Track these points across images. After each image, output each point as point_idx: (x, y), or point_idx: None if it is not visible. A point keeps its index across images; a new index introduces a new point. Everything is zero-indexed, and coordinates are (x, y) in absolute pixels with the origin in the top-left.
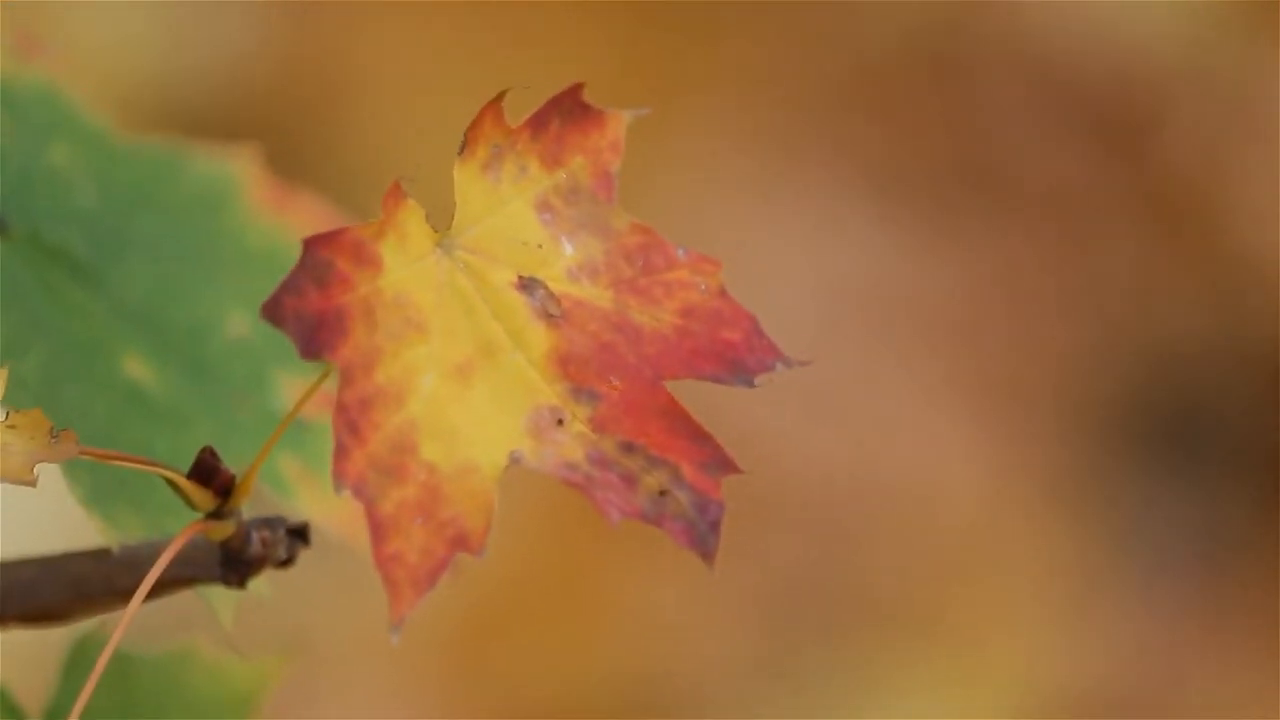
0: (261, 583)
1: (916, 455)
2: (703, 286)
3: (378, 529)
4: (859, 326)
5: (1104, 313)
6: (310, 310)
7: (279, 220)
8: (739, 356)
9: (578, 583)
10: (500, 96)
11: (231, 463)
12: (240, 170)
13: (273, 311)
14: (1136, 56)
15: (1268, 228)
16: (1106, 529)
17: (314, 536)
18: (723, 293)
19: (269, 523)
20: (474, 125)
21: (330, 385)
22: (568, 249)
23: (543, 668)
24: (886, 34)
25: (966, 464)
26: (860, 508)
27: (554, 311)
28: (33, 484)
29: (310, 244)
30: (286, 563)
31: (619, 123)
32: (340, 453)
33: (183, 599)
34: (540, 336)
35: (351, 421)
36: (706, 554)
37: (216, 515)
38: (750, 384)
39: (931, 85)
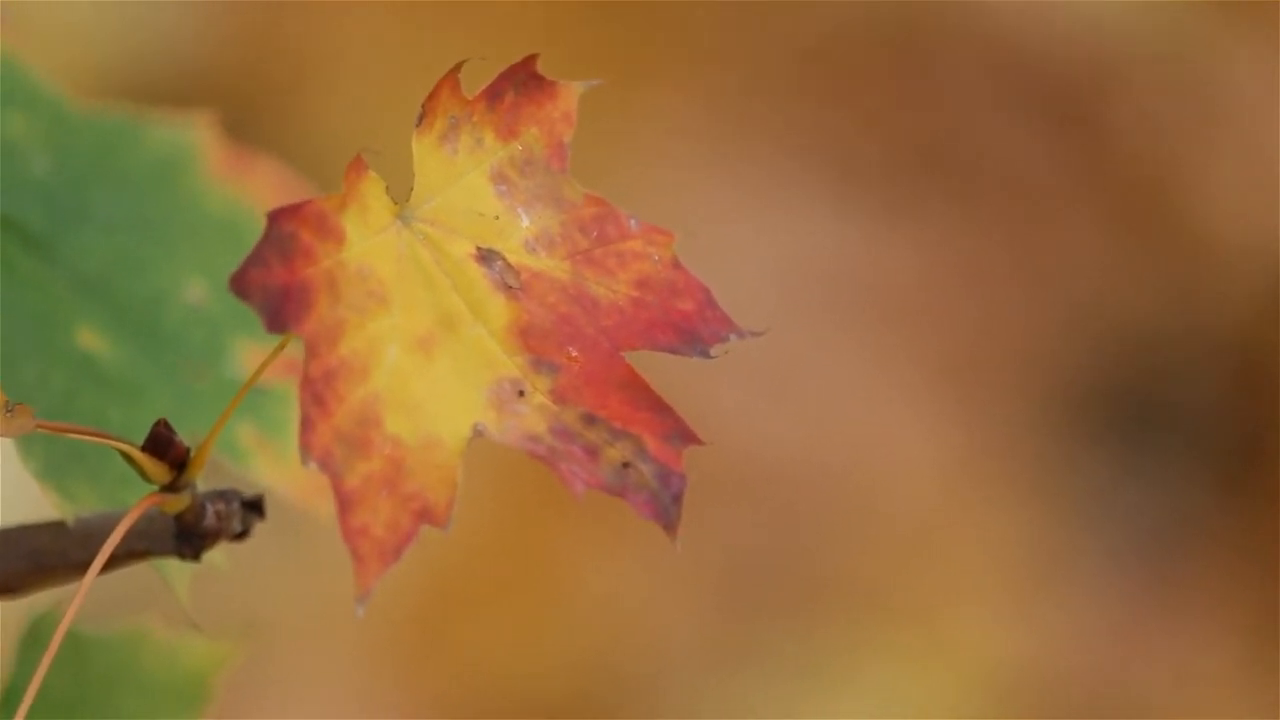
0: (217, 554)
1: (876, 436)
2: (656, 257)
3: (344, 502)
4: (818, 307)
5: (1065, 296)
6: (276, 283)
7: (237, 187)
8: (693, 327)
9: (536, 560)
10: (457, 68)
11: (189, 432)
12: (197, 137)
13: (239, 285)
14: (1097, 41)
15: (1228, 212)
16: (1067, 510)
17: (271, 503)
18: (676, 264)
19: (223, 495)
20: (431, 96)
21: (288, 352)
22: (524, 220)
23: (501, 644)
24: (846, 15)
25: (926, 445)
26: (819, 488)
27: (513, 283)
28: None
29: (274, 217)
30: (241, 535)
31: (571, 93)
32: (306, 425)
33: (138, 574)
34: (500, 308)
35: (317, 394)
36: (669, 525)
37: (171, 488)
38: (706, 355)
39: (891, 67)
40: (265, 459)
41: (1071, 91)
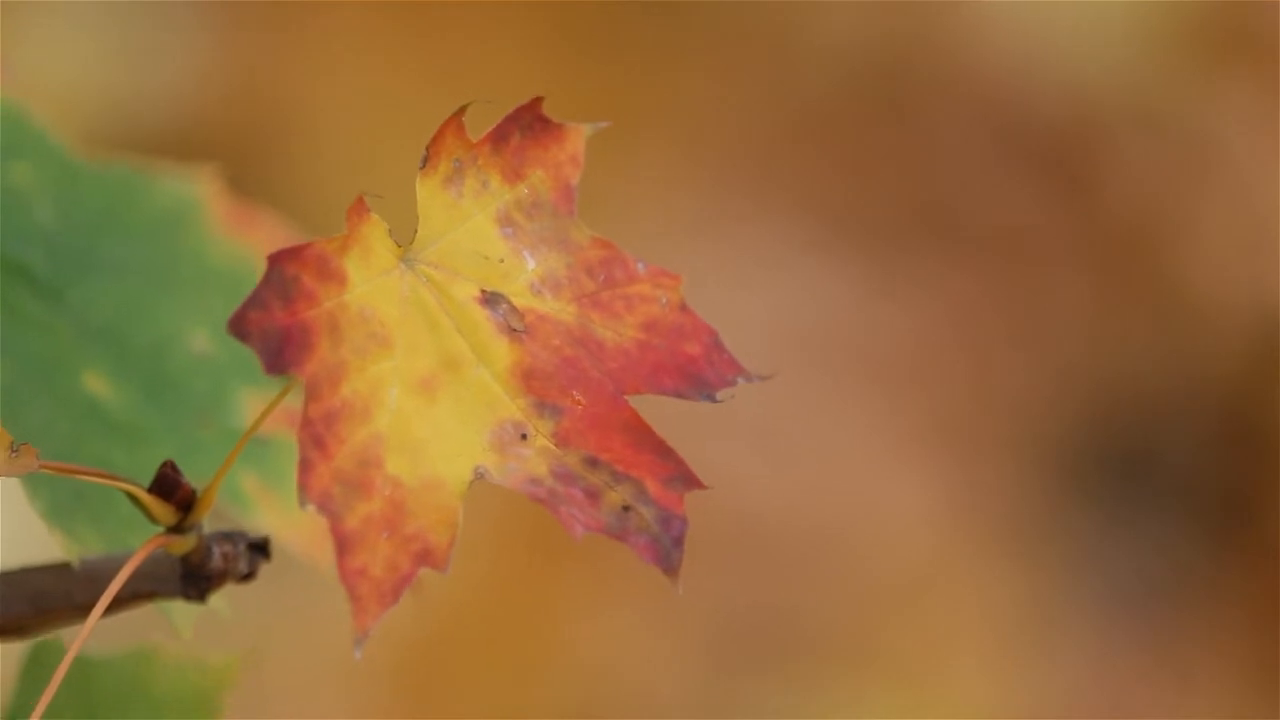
0: (221, 597)
1: (867, 493)
2: (663, 300)
3: (343, 543)
4: (809, 365)
5: (1055, 352)
6: (275, 325)
7: (240, 240)
8: (700, 371)
9: (525, 610)
10: (462, 110)
11: (193, 479)
12: (201, 190)
13: (238, 327)
14: (1086, 99)
15: (1217, 268)
16: (1058, 565)
17: (275, 552)
18: (683, 307)
19: (230, 537)
20: (435, 139)
21: (291, 402)
22: (530, 263)
23: (490, 693)
24: (839, 74)
25: (917, 502)
26: (810, 543)
27: (517, 326)
28: None
29: (275, 259)
30: (247, 577)
31: (578, 136)
32: (305, 467)
33: (143, 615)
34: (503, 351)
35: (317, 436)
36: (670, 569)
37: (177, 530)
38: (712, 399)
39: (883, 126)
40: (268, 508)
41: (1062, 150)
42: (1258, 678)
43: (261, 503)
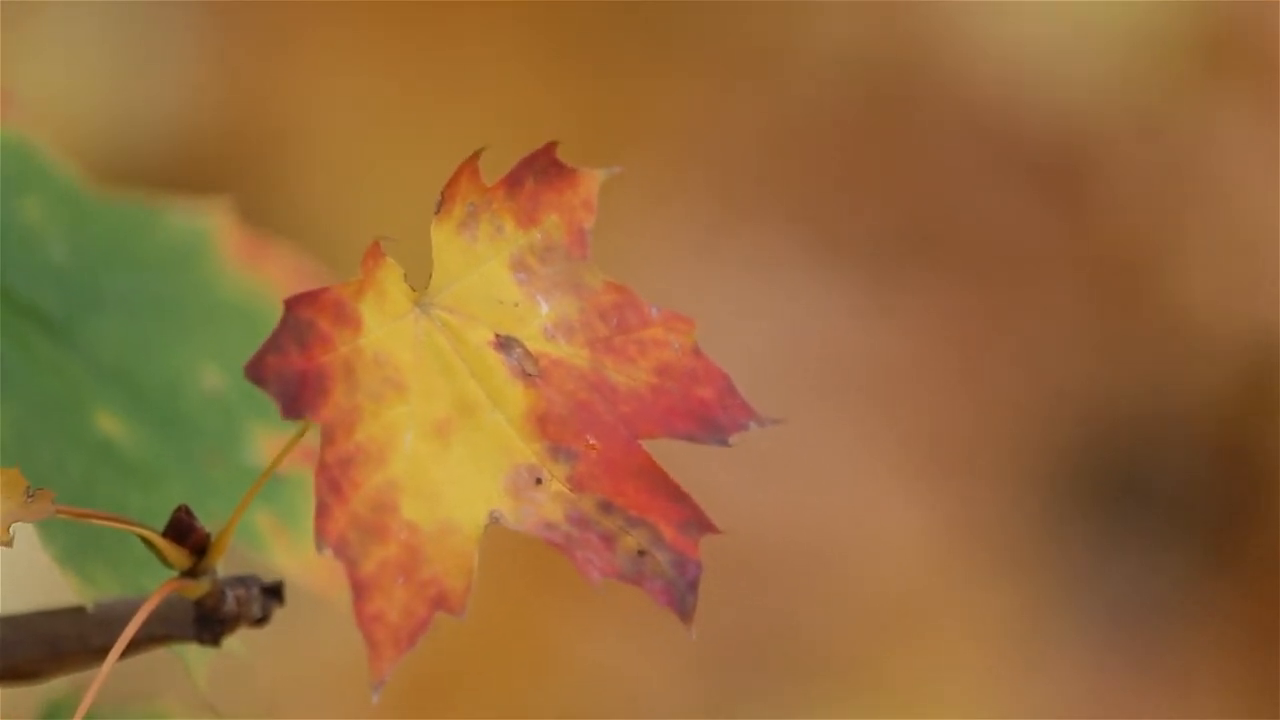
0: (235, 641)
1: (864, 512)
2: (676, 345)
3: (359, 588)
4: (804, 384)
5: (1051, 372)
6: (292, 370)
7: (253, 273)
8: (713, 415)
9: (528, 637)
10: (476, 155)
11: (206, 517)
12: (213, 223)
13: (256, 371)
14: (1081, 113)
15: (1214, 286)
16: (1054, 587)
17: (289, 590)
18: (696, 351)
19: (243, 581)
20: (451, 183)
21: (305, 440)
22: (544, 307)
23: (495, 716)
24: (834, 89)
25: (914, 521)
26: (808, 565)
27: (531, 370)
28: (8, 544)
29: (292, 304)
30: (261, 621)
31: (592, 181)
32: (322, 512)
33: (155, 659)
34: (518, 396)
35: (333, 480)
36: (685, 613)
37: (191, 574)
38: (725, 443)
39: (878, 142)
40: (282, 546)
41: (1060, 166)
42: (1254, 697)
43: (276, 541)
